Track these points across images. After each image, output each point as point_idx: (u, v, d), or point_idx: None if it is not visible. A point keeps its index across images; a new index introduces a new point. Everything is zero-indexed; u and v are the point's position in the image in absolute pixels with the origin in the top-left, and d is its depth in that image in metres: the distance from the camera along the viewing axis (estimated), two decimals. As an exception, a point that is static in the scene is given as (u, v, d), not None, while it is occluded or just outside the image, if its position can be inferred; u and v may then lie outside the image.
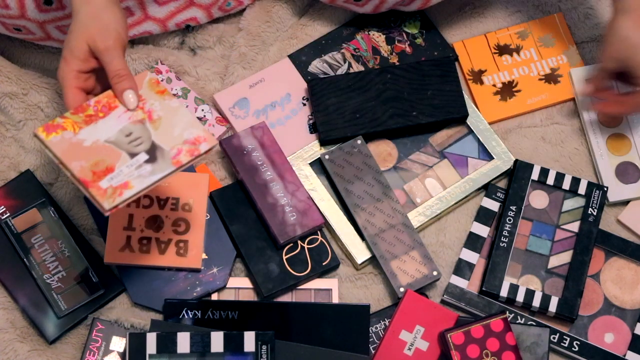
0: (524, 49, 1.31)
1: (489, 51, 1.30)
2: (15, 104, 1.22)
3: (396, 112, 1.23)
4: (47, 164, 1.21)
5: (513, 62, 1.29)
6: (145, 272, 1.15)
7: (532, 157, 1.26)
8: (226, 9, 1.29)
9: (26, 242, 1.16)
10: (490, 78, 1.29)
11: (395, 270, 1.16)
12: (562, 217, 1.21)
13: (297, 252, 1.17)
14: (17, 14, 1.13)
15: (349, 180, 1.20)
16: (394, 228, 1.18)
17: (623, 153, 1.26)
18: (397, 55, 1.29)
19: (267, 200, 1.17)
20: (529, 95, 1.28)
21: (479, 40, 1.31)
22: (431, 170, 1.24)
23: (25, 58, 1.27)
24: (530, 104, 1.27)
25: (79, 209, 1.20)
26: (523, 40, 1.31)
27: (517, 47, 1.31)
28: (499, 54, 1.30)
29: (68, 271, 1.15)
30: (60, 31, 1.18)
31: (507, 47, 1.30)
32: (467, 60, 1.29)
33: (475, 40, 1.30)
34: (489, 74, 1.29)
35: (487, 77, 1.29)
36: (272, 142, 1.21)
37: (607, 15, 1.36)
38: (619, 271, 1.20)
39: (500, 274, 1.17)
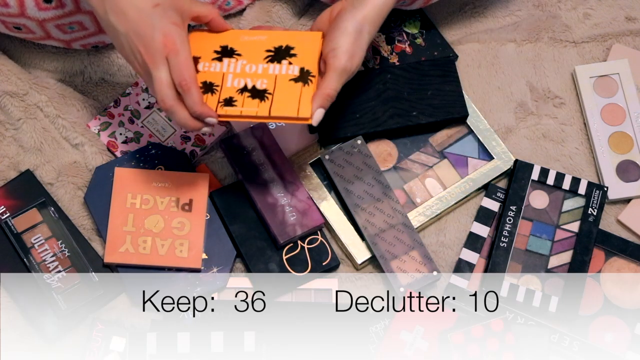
0: None
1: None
2: (16, 103, 1.22)
3: (396, 112, 1.23)
4: (46, 164, 1.21)
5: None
6: (145, 272, 1.15)
7: (532, 157, 1.26)
8: (226, 8, 1.29)
9: (26, 242, 1.16)
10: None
11: (395, 270, 1.16)
12: (562, 217, 1.21)
13: (297, 252, 1.17)
14: (17, 12, 1.12)
15: (349, 180, 1.20)
16: (394, 228, 1.18)
17: (625, 151, 1.26)
18: (397, 55, 1.29)
19: (267, 200, 1.17)
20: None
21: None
22: (431, 170, 1.24)
23: (25, 58, 1.27)
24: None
25: (79, 209, 1.20)
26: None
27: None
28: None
29: (68, 271, 1.15)
30: (60, 30, 1.18)
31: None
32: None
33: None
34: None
35: None
36: (272, 142, 1.21)
37: (607, 15, 1.36)
38: (619, 271, 1.20)
39: (500, 274, 1.17)
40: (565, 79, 1.32)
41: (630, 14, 1.36)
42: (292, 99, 1.01)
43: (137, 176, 1.17)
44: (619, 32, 1.34)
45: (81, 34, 1.20)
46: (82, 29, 1.19)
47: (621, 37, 1.34)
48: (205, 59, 1.05)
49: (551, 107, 1.30)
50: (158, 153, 1.20)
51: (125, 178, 1.17)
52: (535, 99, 1.30)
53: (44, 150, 1.21)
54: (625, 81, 1.29)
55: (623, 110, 1.29)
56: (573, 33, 1.34)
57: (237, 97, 1.02)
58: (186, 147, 1.22)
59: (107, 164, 1.19)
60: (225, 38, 1.06)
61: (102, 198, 1.17)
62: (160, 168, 1.19)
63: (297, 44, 1.05)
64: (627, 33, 1.34)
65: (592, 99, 1.29)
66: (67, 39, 1.21)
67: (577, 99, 1.31)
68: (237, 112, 1.01)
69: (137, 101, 1.24)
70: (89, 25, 1.18)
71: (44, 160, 1.21)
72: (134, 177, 1.17)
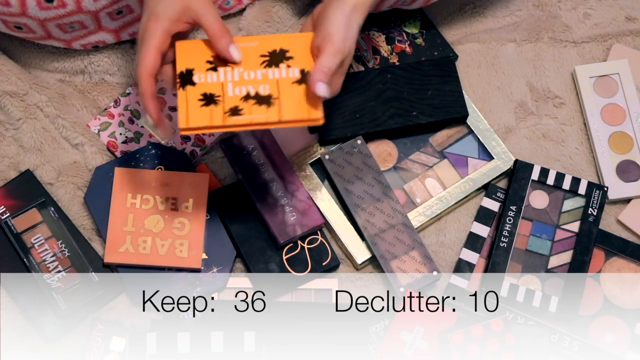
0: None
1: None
2: (16, 103, 1.22)
3: (396, 112, 1.23)
4: (46, 164, 1.21)
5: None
6: (145, 272, 1.15)
7: (532, 157, 1.26)
8: (225, 8, 1.29)
9: (26, 242, 1.15)
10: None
11: (395, 270, 1.16)
12: (562, 217, 1.21)
13: (297, 252, 1.17)
14: (18, 11, 1.12)
15: (349, 180, 1.20)
16: (394, 228, 1.18)
17: (625, 151, 1.26)
18: (397, 55, 1.29)
19: (267, 200, 1.17)
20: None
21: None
22: (431, 170, 1.24)
23: (25, 58, 1.27)
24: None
25: (79, 209, 1.20)
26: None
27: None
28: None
29: (68, 271, 1.15)
30: (60, 29, 1.18)
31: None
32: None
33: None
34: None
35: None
36: (272, 142, 1.21)
37: (607, 15, 1.36)
38: (619, 271, 1.20)
39: (500, 274, 1.17)
40: (565, 79, 1.32)
41: (630, 14, 1.36)
42: (300, 101, 0.99)
43: (137, 176, 1.17)
44: (619, 32, 1.34)
45: (81, 33, 1.20)
46: (83, 28, 1.19)
47: (621, 37, 1.34)
48: (199, 70, 1.01)
49: (551, 107, 1.30)
50: (158, 153, 1.20)
51: (125, 178, 1.17)
52: (535, 99, 1.30)
53: (44, 150, 1.21)
54: (625, 81, 1.29)
55: (623, 110, 1.29)
56: (573, 33, 1.34)
57: (242, 105, 0.99)
58: (186, 147, 1.22)
59: (107, 164, 1.19)
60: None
61: (102, 198, 1.17)
62: (160, 168, 1.19)
63: (290, 47, 1.03)
64: (627, 33, 1.34)
65: (592, 99, 1.29)
66: (68, 39, 1.21)
67: (577, 99, 1.30)
68: (247, 120, 0.98)
69: (137, 101, 1.24)
70: (90, 24, 1.18)
71: (44, 160, 1.21)
72: (134, 177, 1.17)
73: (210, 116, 0.98)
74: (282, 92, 1.00)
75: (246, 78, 1.01)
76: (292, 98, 1.00)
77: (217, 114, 0.99)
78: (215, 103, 0.99)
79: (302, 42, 1.03)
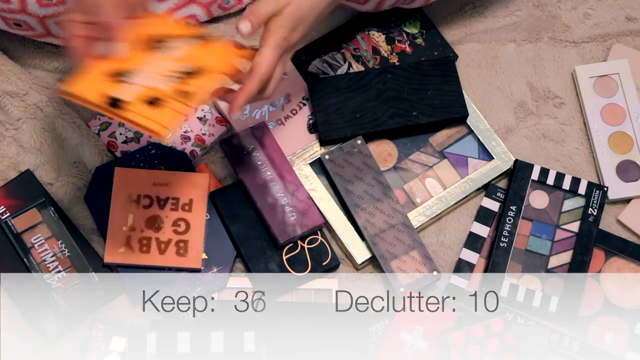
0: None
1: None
2: (16, 103, 1.22)
3: (396, 112, 1.23)
4: (46, 164, 1.21)
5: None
6: (145, 272, 1.15)
7: (532, 157, 1.26)
8: (225, 7, 1.29)
9: (26, 242, 1.16)
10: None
11: (395, 270, 1.16)
12: (562, 217, 1.21)
13: (297, 252, 1.17)
14: (18, 8, 1.13)
15: (349, 180, 1.20)
16: (394, 228, 1.18)
17: (625, 151, 1.26)
18: (397, 55, 1.29)
19: (267, 200, 1.17)
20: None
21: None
22: (431, 170, 1.24)
23: (25, 58, 1.27)
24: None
25: (79, 209, 1.20)
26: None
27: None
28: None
29: (68, 271, 1.15)
30: (60, 27, 1.18)
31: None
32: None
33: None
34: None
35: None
36: (272, 142, 1.21)
37: (607, 15, 1.36)
38: (619, 271, 1.20)
39: (500, 274, 1.17)
40: (565, 79, 1.32)
41: (630, 14, 1.36)
42: (165, 111, 0.94)
43: (137, 176, 1.17)
44: (619, 32, 1.34)
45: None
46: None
47: (621, 37, 1.34)
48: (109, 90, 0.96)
49: (551, 107, 1.30)
50: (158, 153, 1.20)
51: (125, 178, 1.17)
52: (535, 99, 1.30)
53: (44, 150, 1.21)
54: (625, 81, 1.29)
55: (623, 110, 1.29)
56: (573, 33, 1.34)
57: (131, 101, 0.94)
58: (186, 147, 1.22)
59: (107, 164, 1.19)
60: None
61: (102, 198, 1.17)
62: (160, 168, 1.19)
63: (205, 64, 0.99)
64: (627, 33, 1.34)
65: (592, 99, 1.29)
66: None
67: (577, 99, 1.31)
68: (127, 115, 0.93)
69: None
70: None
71: (44, 160, 1.21)
72: (134, 177, 1.17)
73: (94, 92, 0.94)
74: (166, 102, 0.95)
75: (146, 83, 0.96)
76: (159, 108, 0.94)
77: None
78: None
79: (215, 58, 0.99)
